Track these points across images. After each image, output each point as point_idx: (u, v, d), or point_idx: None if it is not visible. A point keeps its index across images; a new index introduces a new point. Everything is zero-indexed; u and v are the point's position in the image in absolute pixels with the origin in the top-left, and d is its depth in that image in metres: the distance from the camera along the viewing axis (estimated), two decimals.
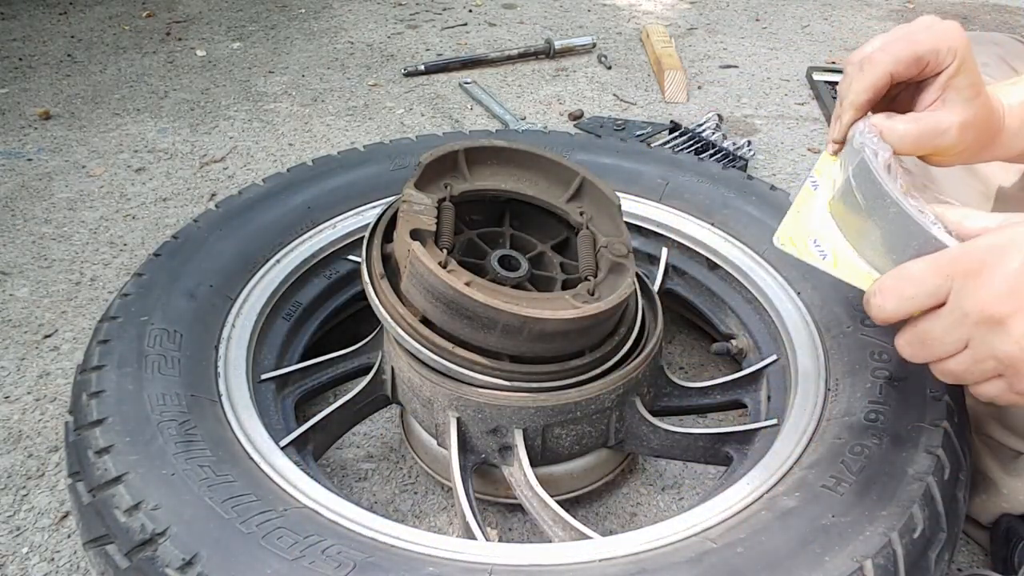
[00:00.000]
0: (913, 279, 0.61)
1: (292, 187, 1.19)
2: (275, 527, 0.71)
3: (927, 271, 0.60)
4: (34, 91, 2.22)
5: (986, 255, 0.57)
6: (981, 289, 0.57)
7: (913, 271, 0.61)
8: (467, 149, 1.00)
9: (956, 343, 0.60)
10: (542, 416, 0.89)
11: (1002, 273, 0.56)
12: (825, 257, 0.73)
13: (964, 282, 0.58)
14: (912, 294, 0.61)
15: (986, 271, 0.57)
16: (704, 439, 0.98)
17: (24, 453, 1.13)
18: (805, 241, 0.75)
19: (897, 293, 0.62)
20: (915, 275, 0.61)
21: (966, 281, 0.58)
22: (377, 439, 1.16)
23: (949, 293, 0.59)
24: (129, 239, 1.60)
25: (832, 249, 0.73)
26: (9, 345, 1.32)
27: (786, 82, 2.36)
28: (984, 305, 0.57)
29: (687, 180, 1.24)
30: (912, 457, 0.78)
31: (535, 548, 0.74)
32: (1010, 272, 0.56)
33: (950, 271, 0.59)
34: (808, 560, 0.68)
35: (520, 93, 2.26)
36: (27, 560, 0.98)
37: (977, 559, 0.99)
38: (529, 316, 0.81)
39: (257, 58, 2.47)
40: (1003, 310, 0.56)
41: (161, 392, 0.85)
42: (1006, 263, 0.56)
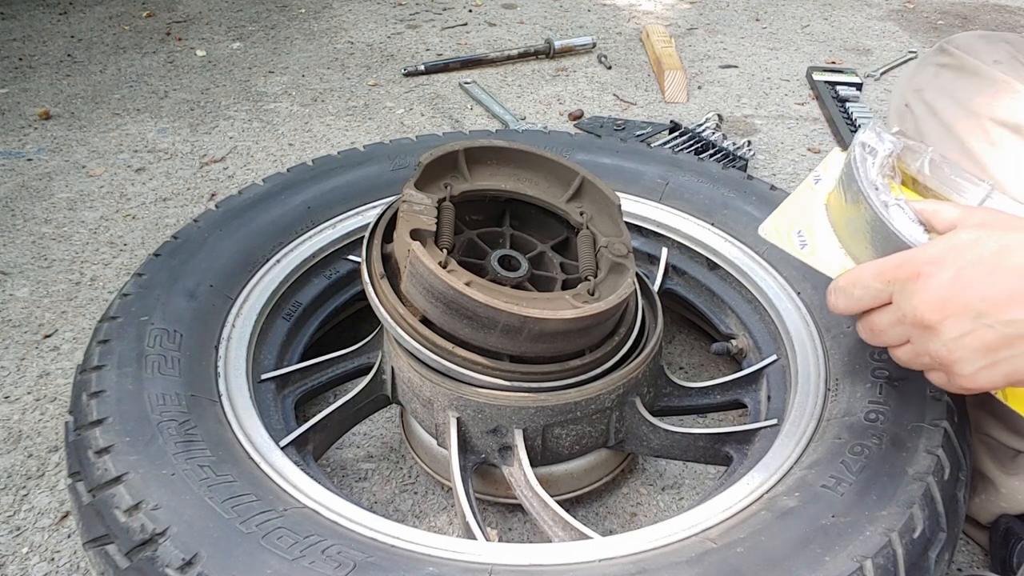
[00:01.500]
0: (860, 281, 0.70)
1: (292, 187, 1.19)
2: (275, 527, 0.71)
3: (873, 275, 0.69)
4: (34, 91, 2.22)
5: (924, 265, 0.65)
6: (916, 296, 0.65)
7: (862, 274, 0.70)
8: (467, 149, 1.00)
9: (899, 337, 0.69)
10: (542, 416, 0.89)
11: (935, 283, 0.64)
12: (804, 247, 0.79)
13: (904, 287, 0.66)
14: (859, 295, 0.70)
15: (922, 280, 0.65)
16: (704, 439, 0.98)
17: (24, 453, 1.13)
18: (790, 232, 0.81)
19: (847, 293, 0.71)
20: (863, 278, 0.69)
21: (905, 286, 0.66)
22: (377, 439, 1.16)
23: (892, 295, 0.68)
24: (129, 239, 1.60)
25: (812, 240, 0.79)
26: (9, 345, 1.32)
27: (786, 82, 2.36)
28: (918, 311, 0.65)
29: (687, 180, 1.24)
30: (912, 457, 0.78)
31: (535, 548, 0.74)
32: (943, 282, 0.64)
33: (892, 276, 0.67)
34: (808, 560, 0.68)
35: (520, 93, 2.26)
36: (27, 560, 0.98)
37: (977, 559, 0.99)
38: (529, 316, 0.81)
39: (257, 58, 2.47)
40: (934, 317, 0.64)
41: (161, 392, 0.85)
42: (940, 274, 0.64)
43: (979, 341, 0.63)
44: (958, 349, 0.64)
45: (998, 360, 0.64)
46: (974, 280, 0.63)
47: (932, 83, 1.00)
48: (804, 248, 0.79)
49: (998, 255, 0.63)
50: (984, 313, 0.62)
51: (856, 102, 2.15)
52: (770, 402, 1.01)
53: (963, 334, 0.64)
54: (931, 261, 0.65)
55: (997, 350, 0.63)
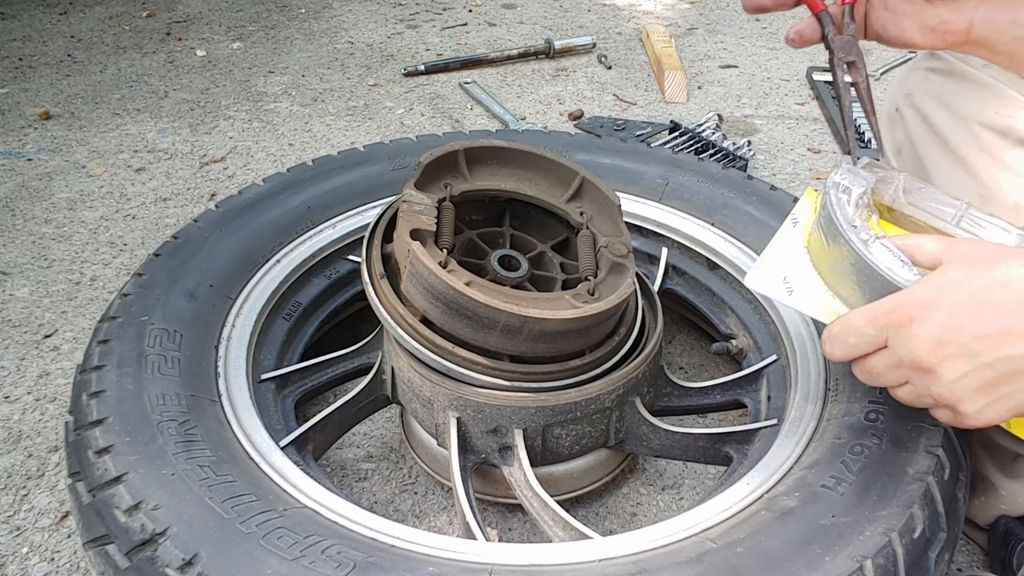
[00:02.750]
0: (855, 330, 0.70)
1: (292, 187, 1.19)
2: (275, 527, 0.71)
3: (866, 322, 0.69)
4: (34, 91, 2.22)
5: (914, 310, 0.65)
6: (912, 341, 0.65)
7: (855, 321, 0.70)
8: (467, 149, 1.00)
9: (898, 379, 0.69)
10: (542, 416, 0.89)
11: (928, 327, 0.65)
12: (791, 293, 0.79)
13: (897, 332, 0.67)
14: (854, 343, 0.70)
15: (915, 325, 0.65)
16: (704, 439, 0.98)
17: (24, 453, 1.13)
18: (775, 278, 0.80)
19: (842, 341, 0.71)
20: (856, 326, 0.69)
21: (899, 331, 0.66)
22: (377, 439, 1.16)
23: (887, 339, 0.68)
24: (129, 239, 1.60)
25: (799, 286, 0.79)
26: (9, 345, 1.32)
27: (786, 82, 2.36)
28: (915, 355, 0.66)
29: (687, 180, 1.24)
30: (912, 457, 0.78)
31: (535, 548, 0.74)
32: (936, 326, 0.64)
33: (885, 322, 0.67)
34: (808, 560, 0.68)
35: (520, 93, 2.26)
36: (27, 560, 0.98)
37: (976, 560, 0.99)
38: (529, 316, 0.81)
39: (257, 58, 2.47)
40: (931, 360, 0.65)
41: (161, 392, 0.85)
42: (932, 318, 0.64)
43: (978, 380, 0.64)
44: (959, 390, 0.65)
45: (1000, 396, 0.64)
46: (965, 320, 0.63)
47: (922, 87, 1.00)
48: (792, 295, 0.79)
49: (985, 292, 0.63)
50: (979, 352, 0.63)
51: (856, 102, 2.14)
52: (770, 402, 1.01)
53: (962, 375, 0.64)
54: (921, 305, 0.65)
55: (997, 387, 0.64)
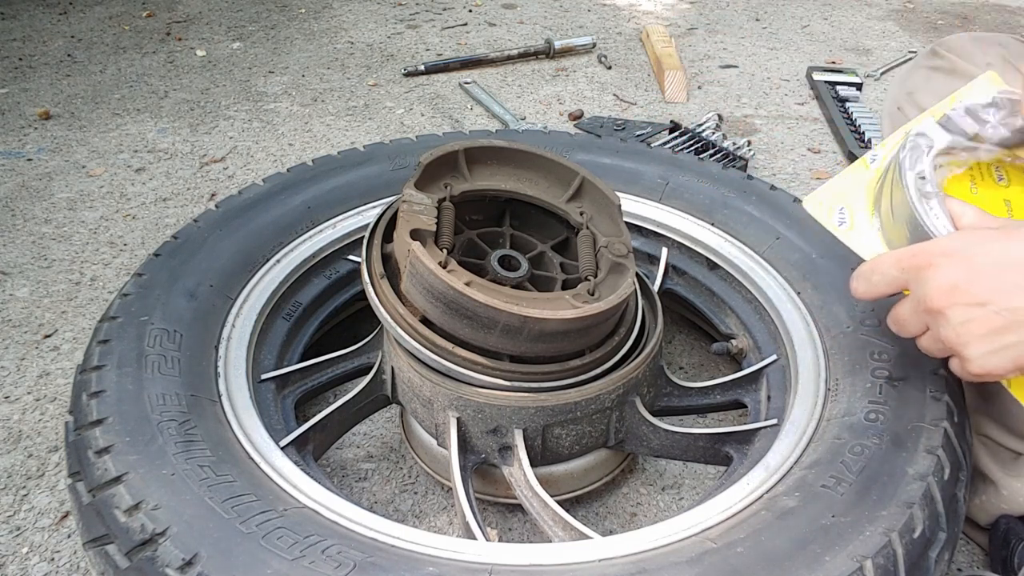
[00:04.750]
0: (878, 268, 0.74)
1: (292, 187, 1.19)
2: (275, 527, 0.71)
3: (890, 263, 0.73)
4: (34, 91, 2.22)
5: (936, 256, 0.70)
6: (928, 283, 0.70)
7: (881, 261, 0.74)
8: (467, 149, 1.00)
9: (920, 325, 0.73)
10: (542, 416, 0.89)
11: (945, 272, 0.69)
12: (842, 224, 0.81)
13: (917, 275, 0.71)
14: (876, 281, 0.75)
15: (933, 269, 0.69)
16: (704, 439, 0.98)
17: (24, 453, 1.13)
18: (831, 208, 0.82)
19: (866, 279, 0.75)
20: (881, 265, 0.74)
21: (919, 274, 0.71)
22: (377, 439, 1.16)
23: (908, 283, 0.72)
24: (129, 239, 1.60)
25: (852, 219, 0.81)
26: (9, 345, 1.32)
27: (786, 82, 2.36)
28: (928, 297, 0.70)
29: (687, 180, 1.24)
30: (912, 457, 0.78)
31: (535, 548, 0.74)
32: (953, 272, 0.68)
33: (908, 264, 0.72)
34: (808, 560, 0.68)
35: (520, 93, 2.26)
36: (27, 560, 0.98)
37: (977, 559, 0.99)
38: (529, 316, 0.81)
39: (257, 58, 2.47)
40: (942, 303, 0.69)
41: (161, 392, 0.85)
42: (951, 264, 0.68)
43: (985, 326, 0.67)
44: (965, 334, 0.68)
45: (1004, 345, 0.67)
46: (982, 271, 0.67)
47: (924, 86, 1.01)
48: (842, 226, 0.81)
49: (1005, 251, 0.67)
50: (989, 301, 0.66)
51: (856, 102, 2.15)
52: (770, 402, 1.01)
53: (969, 319, 0.68)
54: (944, 252, 0.69)
55: (1002, 335, 0.67)
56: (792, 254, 1.09)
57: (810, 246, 1.08)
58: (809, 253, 1.07)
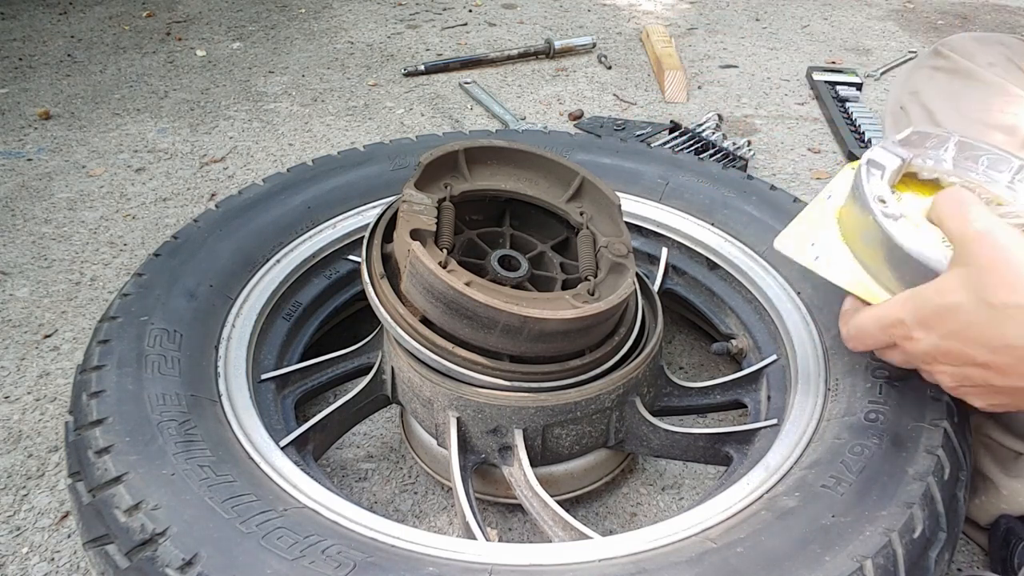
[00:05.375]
0: (869, 334, 0.75)
1: (292, 187, 1.19)
2: (275, 527, 0.71)
3: (876, 329, 0.73)
4: (34, 91, 2.22)
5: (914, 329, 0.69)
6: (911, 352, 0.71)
7: (866, 327, 0.74)
8: (467, 149, 1.00)
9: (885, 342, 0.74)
10: (542, 416, 0.89)
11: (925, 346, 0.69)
12: (817, 259, 0.81)
13: (902, 343, 0.72)
14: (871, 344, 0.76)
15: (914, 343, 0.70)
16: (704, 439, 0.98)
17: (24, 453, 1.13)
18: (803, 244, 0.82)
19: (857, 343, 0.77)
20: (868, 331, 0.74)
21: (903, 343, 0.72)
22: (377, 439, 1.16)
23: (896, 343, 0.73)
24: (129, 239, 1.60)
25: (827, 253, 0.81)
26: (9, 345, 1.32)
27: (786, 82, 2.36)
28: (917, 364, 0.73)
29: (687, 180, 1.24)
30: (912, 457, 0.78)
31: (535, 548, 0.74)
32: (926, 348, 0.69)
33: (892, 333, 0.72)
34: (808, 560, 0.68)
35: (520, 93, 2.26)
36: (27, 560, 0.98)
37: (977, 559, 0.99)
38: (529, 316, 0.81)
39: (257, 58, 2.47)
40: (931, 369, 0.72)
41: (161, 392, 0.85)
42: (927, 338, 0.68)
43: (975, 390, 0.70)
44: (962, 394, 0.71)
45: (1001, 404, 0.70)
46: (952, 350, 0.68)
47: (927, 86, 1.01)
48: (817, 260, 0.81)
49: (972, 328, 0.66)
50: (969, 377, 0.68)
51: (856, 102, 2.15)
52: (770, 402, 1.01)
53: (959, 384, 0.70)
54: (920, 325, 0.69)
55: (994, 396, 0.69)
56: None
57: None
58: None
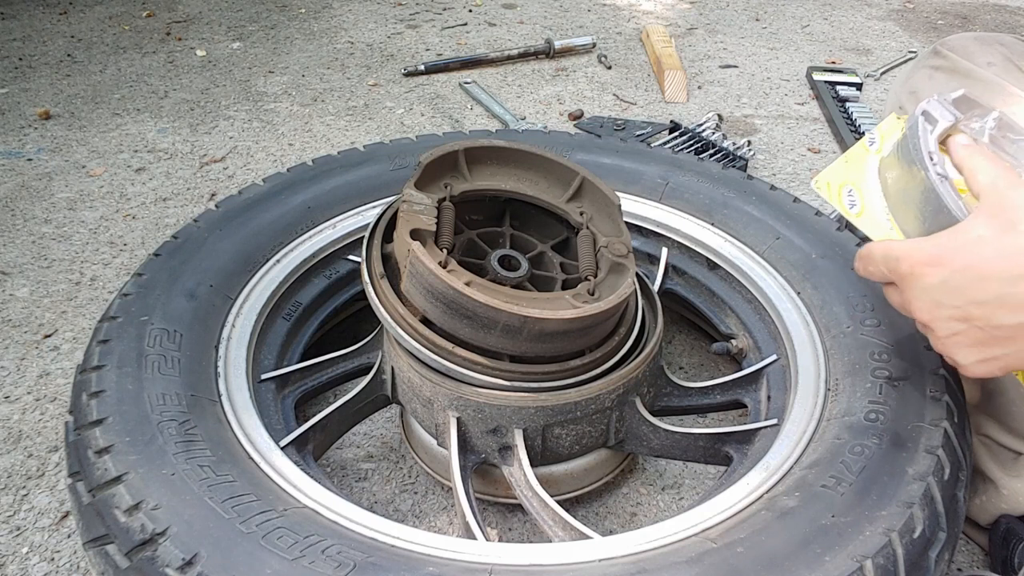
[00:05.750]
0: (872, 261, 0.75)
1: (292, 187, 1.19)
2: (275, 527, 0.71)
3: (881, 259, 0.73)
4: (34, 91, 2.22)
5: (919, 265, 0.69)
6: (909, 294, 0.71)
7: (874, 253, 0.74)
8: (467, 149, 1.00)
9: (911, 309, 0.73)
10: (542, 416, 0.89)
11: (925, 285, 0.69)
12: (853, 207, 0.81)
13: (902, 281, 0.72)
14: (872, 271, 0.76)
15: (917, 279, 0.70)
16: (704, 439, 0.98)
17: (24, 453, 1.13)
18: (840, 189, 0.82)
19: (863, 266, 0.77)
20: (873, 257, 0.74)
21: (903, 281, 0.72)
22: (377, 439, 1.16)
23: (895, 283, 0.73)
24: (129, 239, 1.60)
25: (863, 201, 0.81)
26: (9, 345, 1.32)
27: (786, 82, 2.36)
28: (911, 310, 0.72)
29: (687, 180, 1.24)
30: (912, 457, 0.78)
31: (535, 548, 0.74)
32: (932, 286, 0.68)
33: (894, 267, 0.72)
34: (808, 560, 0.68)
35: (520, 93, 2.26)
36: (27, 560, 0.98)
37: (977, 559, 0.99)
38: (529, 316, 0.81)
39: (257, 58, 2.47)
40: (925, 318, 0.71)
41: (161, 392, 0.85)
42: (934, 275, 0.68)
43: (970, 339, 0.68)
44: (952, 345, 0.69)
45: (992, 356, 0.68)
46: (962, 286, 0.66)
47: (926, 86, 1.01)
48: (853, 208, 0.81)
49: (986, 263, 0.65)
50: (972, 317, 0.66)
51: (856, 102, 2.15)
52: (770, 402, 1.01)
53: (953, 333, 0.68)
54: (927, 262, 0.68)
55: (989, 347, 0.67)
56: (792, 254, 1.09)
57: (810, 246, 1.08)
58: (809, 253, 1.07)
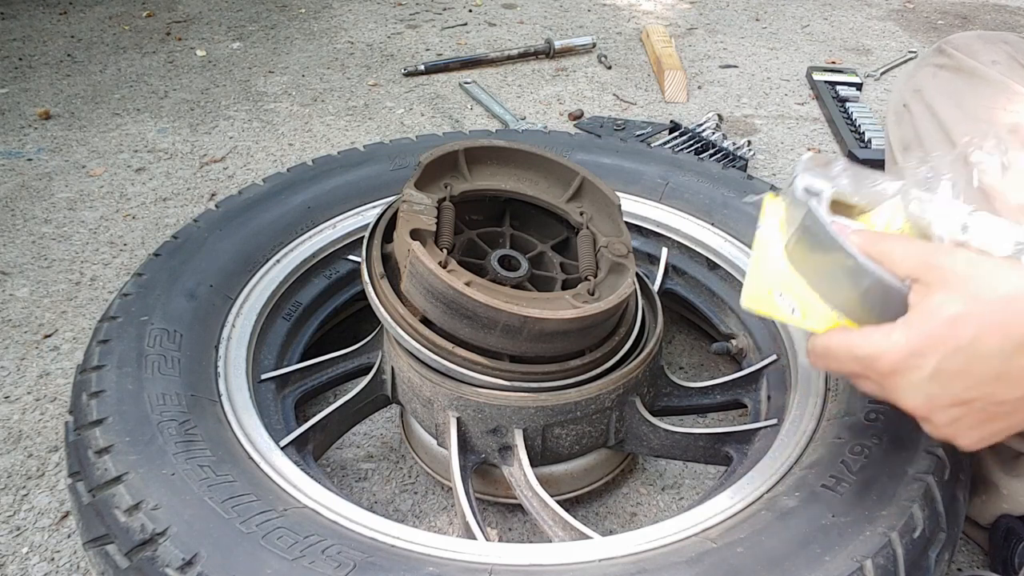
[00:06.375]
0: (837, 359, 0.67)
1: (292, 187, 1.19)
2: (275, 527, 0.71)
3: (847, 358, 0.66)
4: (34, 91, 2.22)
5: (900, 361, 0.62)
6: (898, 393, 0.64)
7: (836, 352, 0.67)
8: (467, 149, 1.00)
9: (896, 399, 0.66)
10: (542, 416, 0.89)
11: (916, 380, 0.62)
12: (794, 311, 0.72)
13: (883, 381, 0.65)
14: (836, 368, 0.68)
15: (901, 377, 0.63)
16: (704, 439, 0.98)
17: (24, 453, 1.13)
18: (771, 296, 0.73)
19: (824, 363, 0.69)
20: (838, 356, 0.67)
21: (884, 380, 0.65)
22: (377, 439, 1.16)
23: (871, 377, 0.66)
24: (129, 239, 1.60)
25: (798, 301, 0.71)
26: (9, 345, 1.32)
27: (786, 82, 2.36)
28: (904, 405, 0.65)
29: (687, 180, 1.24)
30: (912, 457, 0.78)
31: (535, 548, 0.74)
32: (923, 380, 0.62)
33: (868, 366, 0.65)
34: (808, 560, 0.68)
35: (520, 93, 2.26)
36: (27, 560, 0.98)
37: (977, 559, 0.99)
38: (529, 316, 0.81)
39: (257, 58, 2.47)
40: (922, 412, 0.65)
41: (161, 392, 0.85)
42: (921, 369, 0.62)
43: (972, 422, 0.64)
44: (954, 431, 0.65)
45: (995, 431, 0.65)
46: (956, 372, 0.61)
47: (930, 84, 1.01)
48: (795, 313, 0.72)
49: (976, 341, 0.60)
50: (972, 399, 0.62)
51: (856, 102, 2.15)
52: (770, 402, 1.01)
53: (955, 419, 0.64)
54: (908, 355, 0.62)
55: (991, 424, 0.64)
56: None
57: None
58: None
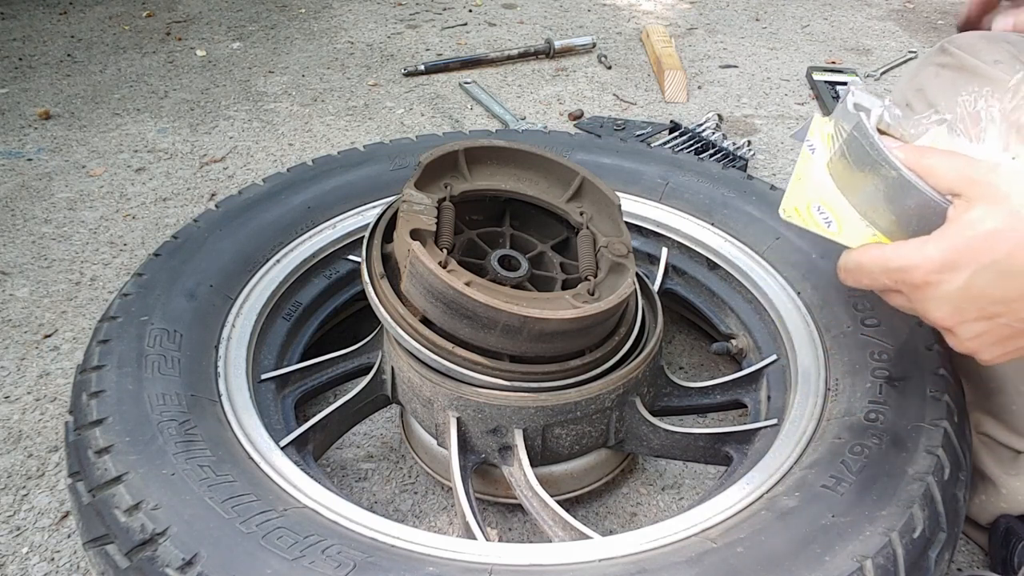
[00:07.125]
0: (869, 274, 0.70)
1: (292, 187, 1.19)
2: (275, 527, 0.71)
3: (880, 271, 0.69)
4: (34, 91, 2.22)
5: (931, 274, 0.65)
6: (928, 303, 0.67)
7: (868, 267, 0.69)
8: (467, 149, 1.00)
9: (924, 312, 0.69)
10: (542, 416, 0.89)
11: (946, 291, 0.65)
12: (830, 224, 0.75)
13: (913, 293, 0.67)
14: (867, 283, 0.71)
15: (932, 288, 0.65)
16: (704, 439, 0.98)
17: (24, 453, 1.13)
18: (809, 209, 0.76)
19: (855, 279, 0.72)
20: (871, 270, 0.69)
21: (914, 293, 0.67)
22: (377, 439, 1.16)
23: (902, 291, 0.68)
24: (129, 239, 1.60)
25: (836, 215, 0.75)
26: (9, 345, 1.32)
27: (786, 82, 2.36)
28: (932, 318, 0.68)
29: (687, 180, 1.24)
30: (912, 457, 0.78)
31: (535, 548, 0.74)
32: (953, 291, 0.64)
33: (899, 278, 0.67)
34: (808, 560, 0.68)
35: (520, 93, 2.26)
36: (27, 560, 0.98)
37: (977, 559, 0.99)
38: (529, 316, 0.81)
39: (257, 58, 2.47)
40: (949, 323, 0.67)
41: (161, 392, 0.85)
42: (951, 281, 0.64)
43: (995, 336, 0.66)
44: (977, 345, 0.68)
45: (1017, 347, 0.67)
46: (986, 286, 0.63)
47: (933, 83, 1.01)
48: (831, 226, 0.74)
49: (1010, 257, 0.62)
50: (998, 314, 0.64)
51: None
52: (770, 402, 1.01)
53: (979, 334, 0.66)
54: (939, 268, 0.64)
55: (1014, 340, 0.66)
56: (792, 254, 1.09)
57: (810, 246, 1.08)
58: (809, 253, 1.07)
